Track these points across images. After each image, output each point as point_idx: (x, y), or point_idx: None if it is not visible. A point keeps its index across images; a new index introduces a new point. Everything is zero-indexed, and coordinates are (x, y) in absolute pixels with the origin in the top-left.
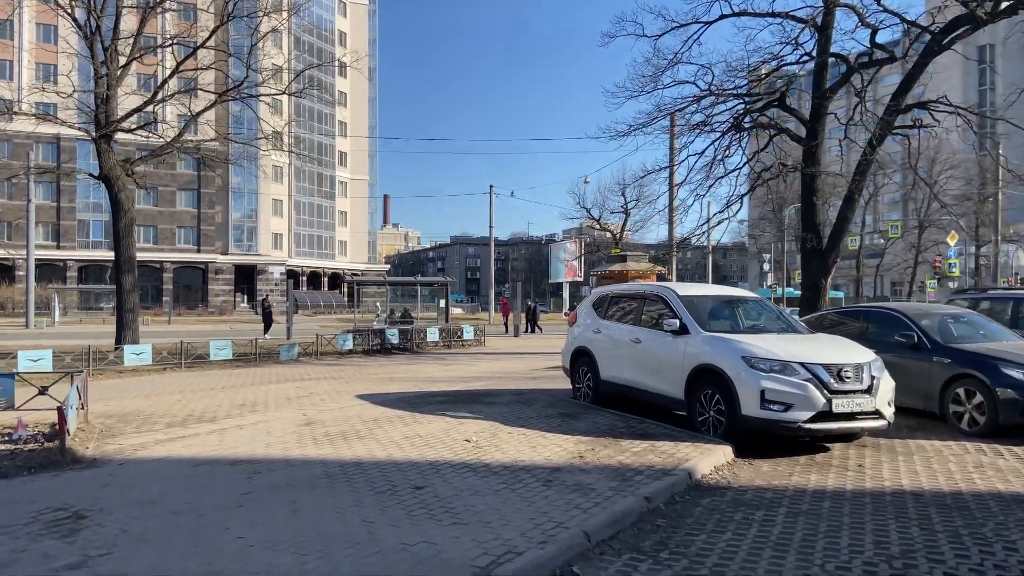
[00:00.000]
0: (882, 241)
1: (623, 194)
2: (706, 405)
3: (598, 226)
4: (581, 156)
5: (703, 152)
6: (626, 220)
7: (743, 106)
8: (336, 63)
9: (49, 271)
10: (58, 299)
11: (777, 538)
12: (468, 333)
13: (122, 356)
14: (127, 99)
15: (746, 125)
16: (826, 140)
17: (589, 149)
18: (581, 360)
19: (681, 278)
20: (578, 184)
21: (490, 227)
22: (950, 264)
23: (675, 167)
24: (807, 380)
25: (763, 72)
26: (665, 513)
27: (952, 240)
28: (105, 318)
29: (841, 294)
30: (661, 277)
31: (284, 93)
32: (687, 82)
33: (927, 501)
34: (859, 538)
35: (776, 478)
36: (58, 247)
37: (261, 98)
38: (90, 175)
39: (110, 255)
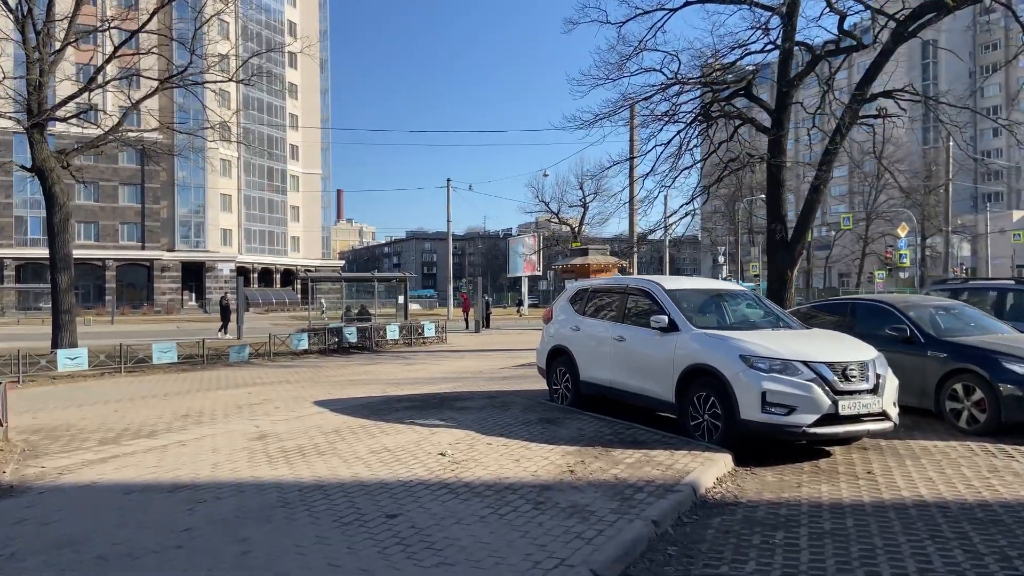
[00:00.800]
0: (832, 233)
1: (581, 187)
2: (700, 408)
3: (556, 220)
4: (540, 149)
5: (669, 142)
6: (584, 214)
7: (711, 94)
8: (286, 51)
9: None
10: None
11: (808, 568)
12: (429, 330)
13: (55, 361)
14: (65, 88)
15: (714, 114)
16: (791, 130)
17: (548, 141)
18: (558, 360)
19: (639, 271)
20: (537, 178)
21: (447, 221)
22: (901, 255)
23: (635, 159)
24: (811, 380)
25: (729, 60)
26: (675, 539)
27: (903, 231)
28: (44, 319)
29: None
30: (622, 270)
31: (231, 80)
32: (653, 70)
33: (956, 515)
34: (900, 565)
35: (785, 490)
36: None
37: (207, 86)
38: (22, 167)
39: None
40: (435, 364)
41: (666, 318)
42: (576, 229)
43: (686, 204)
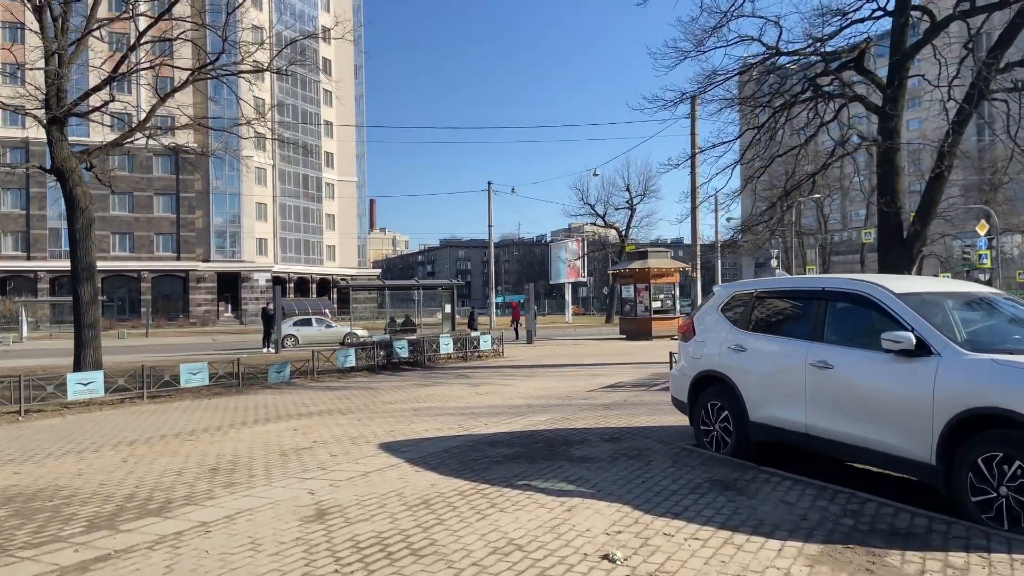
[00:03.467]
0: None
1: (628, 189)
2: (992, 480)
3: (602, 223)
4: (585, 148)
5: (763, 125)
6: (632, 216)
7: (822, 64)
8: (319, 49)
9: (19, 283)
10: (26, 313)
11: None
12: (485, 343)
13: (66, 387)
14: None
15: (824, 89)
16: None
17: (595, 136)
18: (709, 391)
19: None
20: (582, 179)
21: (488, 227)
22: (980, 255)
23: (697, 152)
24: None
25: (830, 30)
26: None
27: (982, 229)
28: None
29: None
30: (684, 275)
31: (266, 70)
32: (750, 38)
33: None
34: None
35: None
36: (28, 257)
37: (241, 76)
38: (40, 168)
39: None
40: (505, 384)
41: (911, 336)
42: (623, 232)
43: (787, 195)
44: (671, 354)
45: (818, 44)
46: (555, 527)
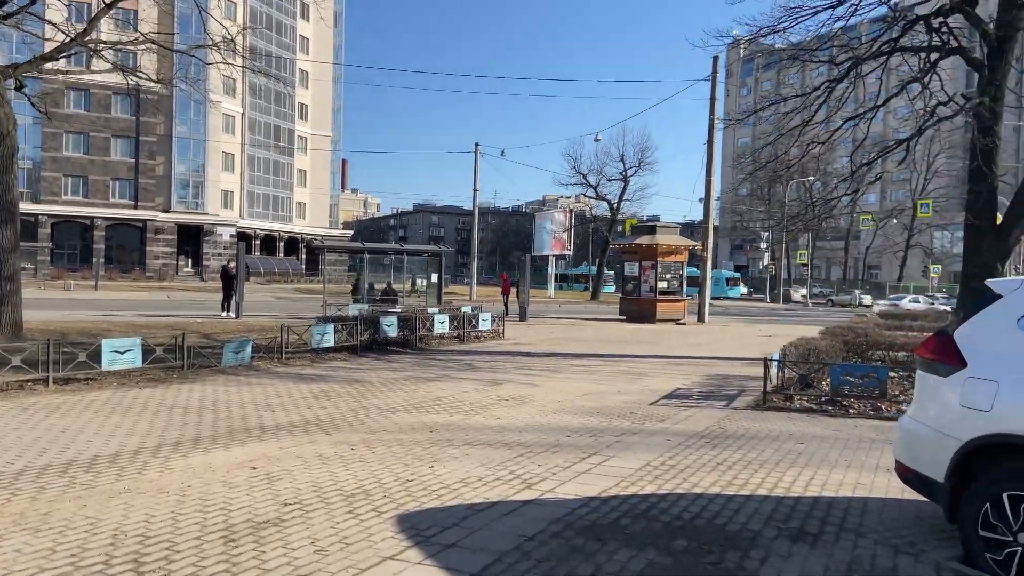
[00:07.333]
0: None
1: (622, 159)
2: None
3: (593, 195)
4: (587, 110)
5: (842, 78)
6: (624, 188)
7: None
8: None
9: None
10: None
11: None
12: (484, 322)
13: None
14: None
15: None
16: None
17: (604, 95)
18: (1010, 473)
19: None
20: (574, 146)
21: (474, 191)
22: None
23: (715, 106)
24: None
25: None
26: None
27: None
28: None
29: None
30: (692, 253)
31: None
32: None
33: None
34: None
35: None
36: None
37: None
38: None
39: (28, 207)
40: (529, 384)
41: None
42: (615, 205)
43: (865, 164)
44: (766, 361)
45: None
46: None
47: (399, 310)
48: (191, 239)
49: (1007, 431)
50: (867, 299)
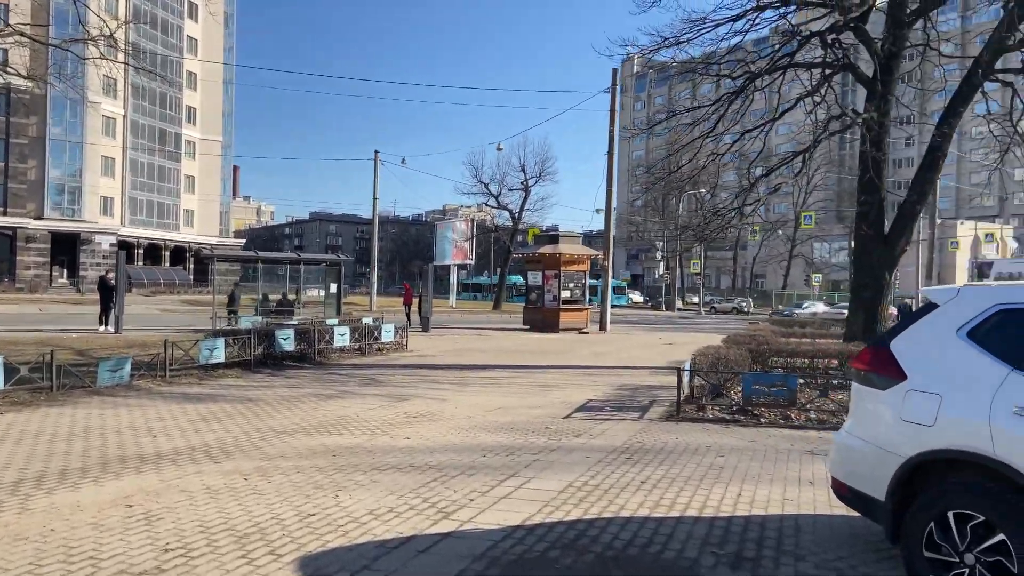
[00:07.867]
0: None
1: (523, 169)
2: None
3: (495, 204)
4: (486, 120)
5: (738, 92)
6: (526, 198)
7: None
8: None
9: None
10: None
11: None
12: (387, 334)
13: None
14: None
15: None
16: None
17: (502, 104)
18: (955, 491)
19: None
20: (475, 155)
21: (374, 199)
22: None
23: (616, 117)
24: None
25: None
26: None
27: None
28: None
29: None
30: (594, 263)
31: None
32: None
33: None
34: None
35: None
36: None
37: None
38: None
39: None
40: (437, 399)
41: None
42: (517, 215)
43: (764, 175)
44: (679, 371)
45: None
46: None
47: (296, 322)
48: (67, 248)
49: (952, 446)
50: (744, 305)
